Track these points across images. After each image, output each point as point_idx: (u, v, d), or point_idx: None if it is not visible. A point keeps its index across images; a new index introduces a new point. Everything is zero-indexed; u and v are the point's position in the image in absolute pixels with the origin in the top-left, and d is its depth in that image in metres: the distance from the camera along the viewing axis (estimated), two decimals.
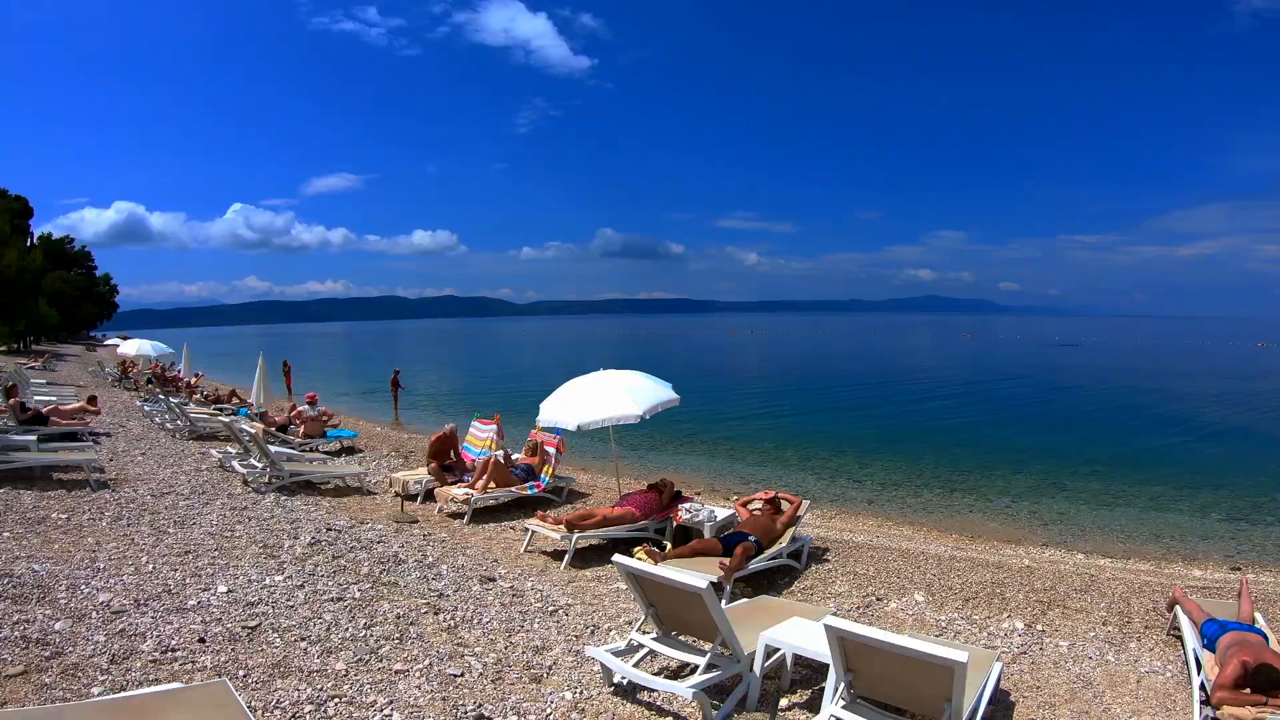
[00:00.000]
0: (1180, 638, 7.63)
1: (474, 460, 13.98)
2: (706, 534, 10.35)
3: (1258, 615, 7.67)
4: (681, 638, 6.61)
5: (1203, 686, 6.25)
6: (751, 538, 9.48)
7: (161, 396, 23.68)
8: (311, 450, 17.63)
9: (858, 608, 8.82)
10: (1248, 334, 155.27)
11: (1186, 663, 7.05)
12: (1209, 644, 6.77)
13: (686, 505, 11.28)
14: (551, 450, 13.76)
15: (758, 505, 10.81)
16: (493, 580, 8.90)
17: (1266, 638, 6.89)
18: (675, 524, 11.09)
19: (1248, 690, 5.83)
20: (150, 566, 8.13)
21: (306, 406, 19.40)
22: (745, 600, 7.89)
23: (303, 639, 6.48)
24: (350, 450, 18.55)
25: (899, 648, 4.95)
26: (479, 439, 14.67)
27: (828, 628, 5.23)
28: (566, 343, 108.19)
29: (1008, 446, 22.80)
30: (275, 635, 6.53)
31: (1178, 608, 7.89)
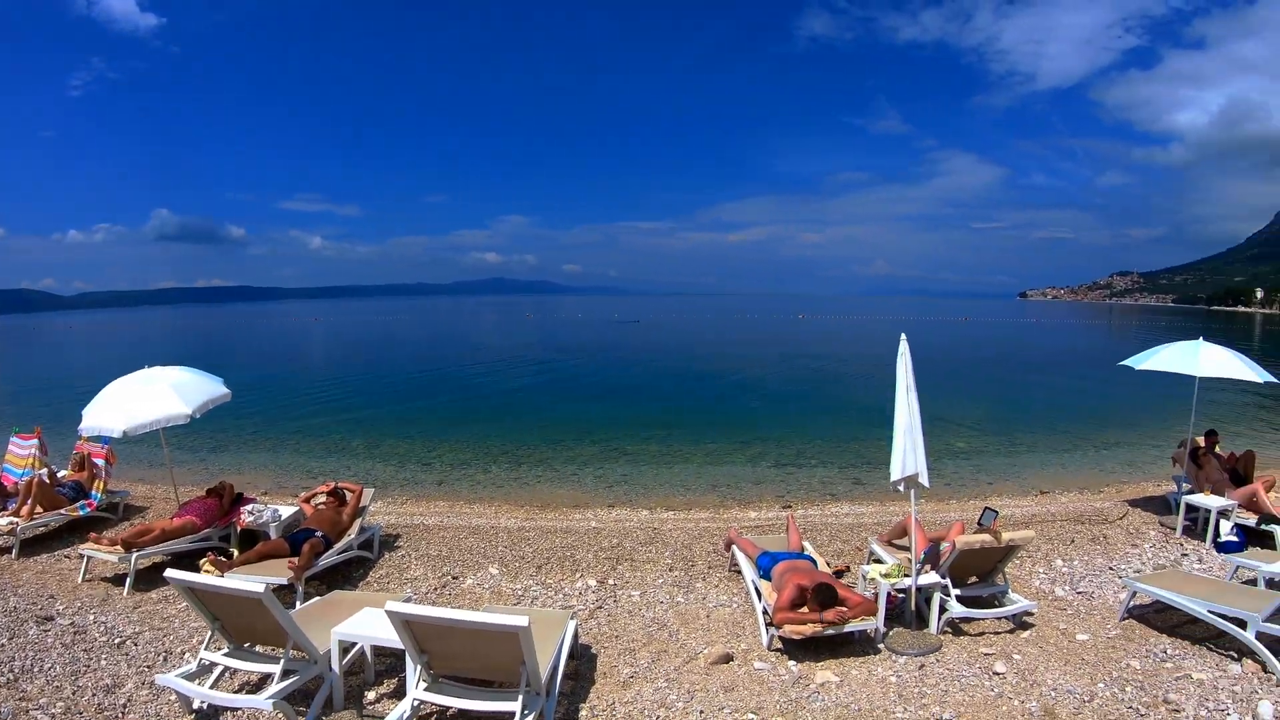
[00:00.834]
0: (740, 572, 8.83)
1: (15, 483, 12.05)
2: (273, 535, 9.89)
3: (806, 544, 9.13)
4: (257, 648, 6.40)
5: (765, 611, 7.32)
6: (318, 533, 9.24)
7: None
8: None
9: (435, 589, 9.00)
10: (789, 308, 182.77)
11: (748, 593, 8.22)
12: (764, 574, 7.93)
13: (249, 507, 10.67)
14: (100, 462, 12.33)
15: (320, 499, 10.53)
16: (50, 619, 7.82)
17: (815, 561, 8.25)
18: (240, 528, 10.42)
19: (804, 609, 6.91)
20: None
21: None
22: (318, 598, 7.69)
23: None
24: None
25: (461, 622, 5.22)
26: (19, 458, 12.65)
27: (390, 613, 5.36)
28: (118, 338, 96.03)
29: (573, 418, 24.27)
30: None
31: (734, 547, 9.11)
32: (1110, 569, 9.51)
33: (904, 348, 7.24)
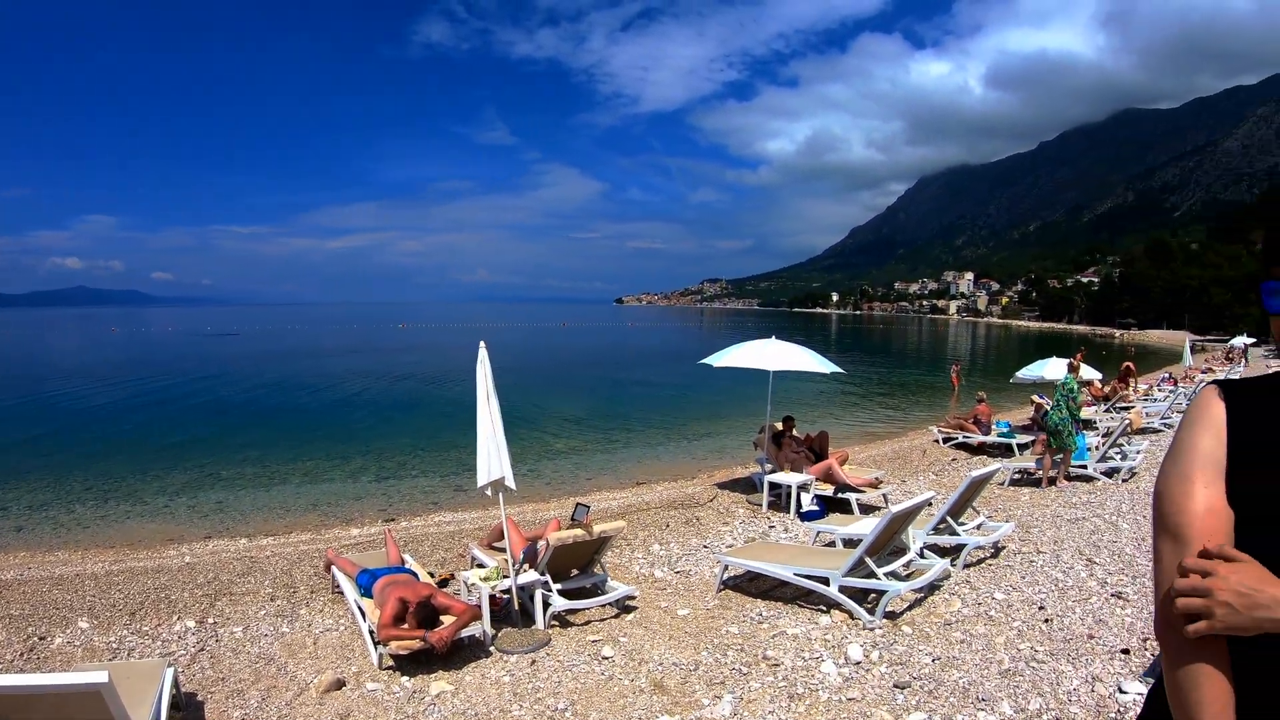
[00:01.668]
0: (343, 593, 8.59)
1: None
2: None
3: (406, 556, 9.25)
4: None
5: (371, 630, 7.24)
6: None
7: None
8: None
9: (20, 655, 7.97)
10: (390, 317, 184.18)
11: (353, 614, 8.07)
12: (366, 592, 7.89)
13: None
14: None
15: None
16: None
17: (416, 574, 8.32)
18: None
19: (405, 625, 6.90)
20: None
21: None
22: None
23: None
24: None
25: (33, 689, 4.68)
26: None
27: None
28: None
29: (163, 444, 22.48)
30: None
31: (334, 567, 8.99)
32: (705, 547, 10.46)
33: (483, 355, 7.53)
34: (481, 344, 7.57)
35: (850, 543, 9.13)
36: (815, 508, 12.24)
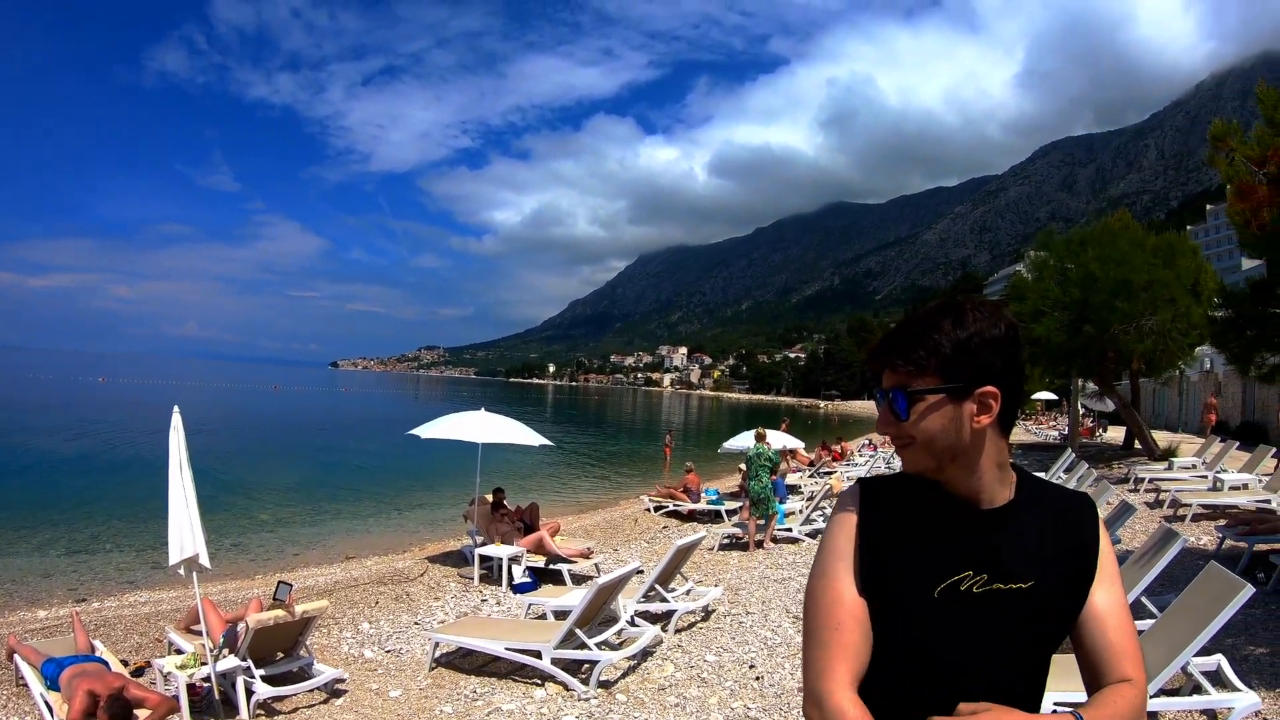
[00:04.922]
0: (28, 686, 7.91)
1: None
2: None
3: (96, 643, 8.63)
4: None
5: None
6: None
7: None
8: None
9: None
10: (91, 369, 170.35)
11: (39, 710, 7.42)
12: (52, 684, 7.32)
13: None
14: None
15: None
16: None
17: (108, 663, 7.77)
18: None
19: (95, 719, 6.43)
20: None
21: None
22: None
23: None
24: None
25: None
26: None
27: None
28: None
29: None
30: None
31: (16, 656, 8.25)
32: (416, 624, 10.46)
33: (176, 421, 7.31)
34: (175, 409, 7.33)
35: (561, 614, 9.44)
36: (527, 580, 12.54)
